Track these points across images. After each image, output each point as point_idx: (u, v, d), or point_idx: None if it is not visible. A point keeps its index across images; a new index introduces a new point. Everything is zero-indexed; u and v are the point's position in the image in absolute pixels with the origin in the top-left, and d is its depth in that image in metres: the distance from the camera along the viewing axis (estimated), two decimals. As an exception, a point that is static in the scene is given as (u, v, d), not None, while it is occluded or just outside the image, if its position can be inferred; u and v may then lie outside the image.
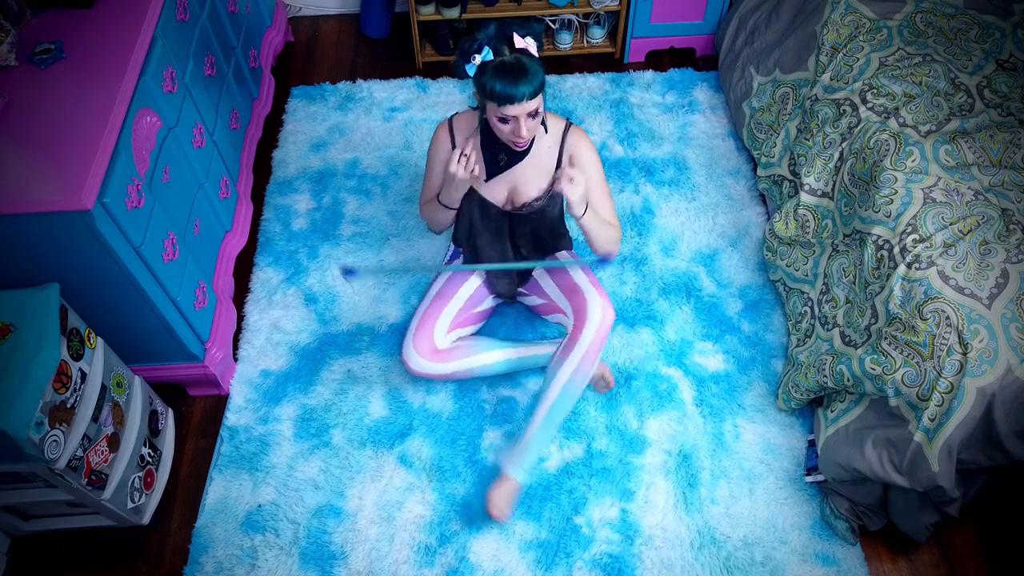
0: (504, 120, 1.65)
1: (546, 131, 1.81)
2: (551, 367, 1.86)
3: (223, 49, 2.32)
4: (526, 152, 1.79)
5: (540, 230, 1.96)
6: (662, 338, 2.20)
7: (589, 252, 2.20)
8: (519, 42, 1.61)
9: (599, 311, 1.81)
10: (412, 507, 1.92)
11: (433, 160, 1.91)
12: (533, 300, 2.09)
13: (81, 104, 1.63)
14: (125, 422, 1.80)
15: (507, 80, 1.57)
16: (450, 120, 1.88)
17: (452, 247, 2.15)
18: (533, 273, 2.05)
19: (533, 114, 1.65)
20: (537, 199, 1.87)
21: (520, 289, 2.09)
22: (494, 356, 2.01)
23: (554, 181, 1.86)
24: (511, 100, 1.59)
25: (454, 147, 1.84)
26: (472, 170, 1.75)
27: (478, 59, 1.61)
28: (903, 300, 1.71)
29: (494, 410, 2.07)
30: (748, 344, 2.19)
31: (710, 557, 1.84)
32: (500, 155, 1.81)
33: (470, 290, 2.02)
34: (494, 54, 1.60)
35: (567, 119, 1.87)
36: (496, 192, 1.88)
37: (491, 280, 2.06)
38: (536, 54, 1.64)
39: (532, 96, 1.60)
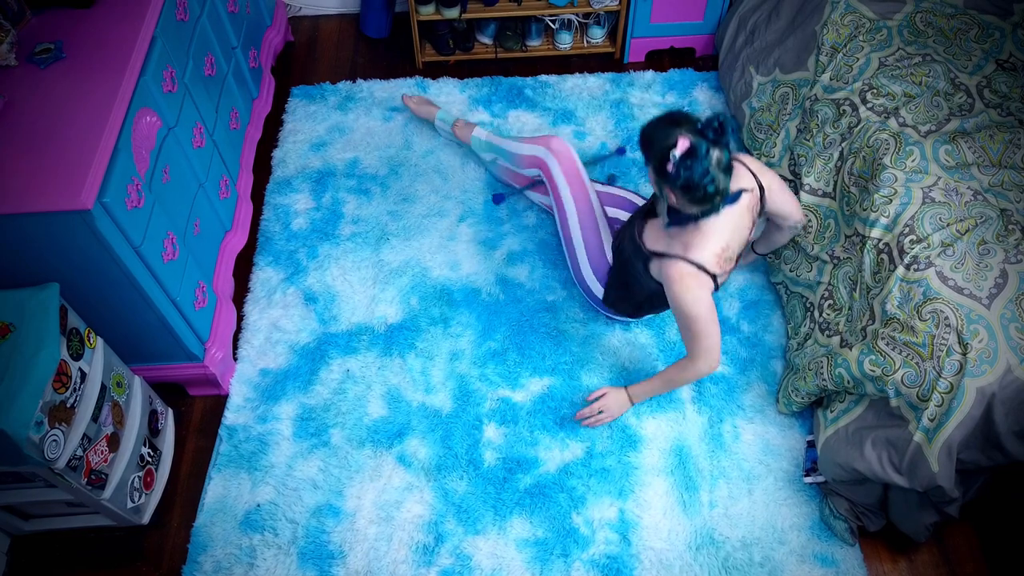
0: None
1: None
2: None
3: (223, 49, 2.32)
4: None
5: None
6: (661, 338, 2.20)
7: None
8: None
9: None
10: (411, 507, 1.92)
11: (704, 307, 1.73)
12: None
13: (81, 104, 1.63)
14: (125, 422, 1.80)
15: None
16: (685, 257, 1.72)
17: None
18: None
19: None
20: None
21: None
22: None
23: None
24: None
25: (716, 282, 1.76)
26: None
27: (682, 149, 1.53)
28: (902, 301, 1.71)
29: (492, 409, 2.07)
30: (747, 345, 2.19)
31: (709, 558, 1.84)
32: None
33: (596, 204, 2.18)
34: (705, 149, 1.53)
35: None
36: None
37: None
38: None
39: None
